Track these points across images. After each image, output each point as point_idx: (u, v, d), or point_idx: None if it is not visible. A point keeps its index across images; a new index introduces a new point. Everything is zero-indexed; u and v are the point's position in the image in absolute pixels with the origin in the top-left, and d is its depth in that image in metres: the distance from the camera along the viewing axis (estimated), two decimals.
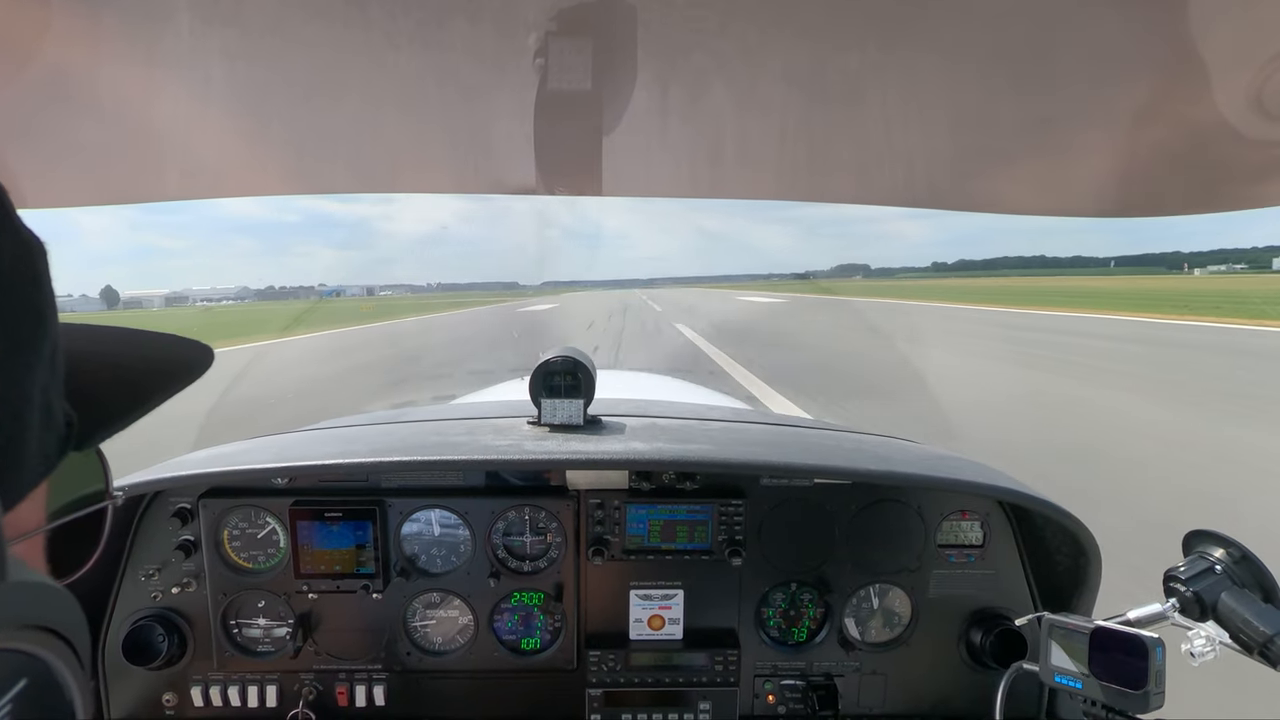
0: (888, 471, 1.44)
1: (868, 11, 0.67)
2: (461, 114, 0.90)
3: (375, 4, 0.65)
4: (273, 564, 1.47)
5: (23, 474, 0.37)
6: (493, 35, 0.71)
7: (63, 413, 0.41)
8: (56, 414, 0.40)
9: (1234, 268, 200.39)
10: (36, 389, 0.38)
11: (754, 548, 1.51)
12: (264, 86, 0.82)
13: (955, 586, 1.54)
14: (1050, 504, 1.41)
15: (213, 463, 1.43)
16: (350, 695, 1.50)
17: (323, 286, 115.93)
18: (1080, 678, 1.06)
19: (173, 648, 1.44)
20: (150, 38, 0.71)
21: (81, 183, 1.02)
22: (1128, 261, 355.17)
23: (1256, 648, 0.98)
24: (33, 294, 0.38)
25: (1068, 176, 1.04)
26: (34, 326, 0.38)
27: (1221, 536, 1.10)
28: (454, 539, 1.50)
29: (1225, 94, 0.74)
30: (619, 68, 0.77)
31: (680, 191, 1.19)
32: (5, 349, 0.36)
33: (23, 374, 0.37)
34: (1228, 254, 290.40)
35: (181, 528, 1.44)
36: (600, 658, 1.49)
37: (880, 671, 1.56)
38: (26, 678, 0.35)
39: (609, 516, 1.50)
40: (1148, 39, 0.70)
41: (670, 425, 1.66)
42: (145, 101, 0.83)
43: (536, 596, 1.52)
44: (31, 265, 0.38)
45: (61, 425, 0.41)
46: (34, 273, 0.38)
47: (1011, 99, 0.84)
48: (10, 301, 0.36)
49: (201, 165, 1.03)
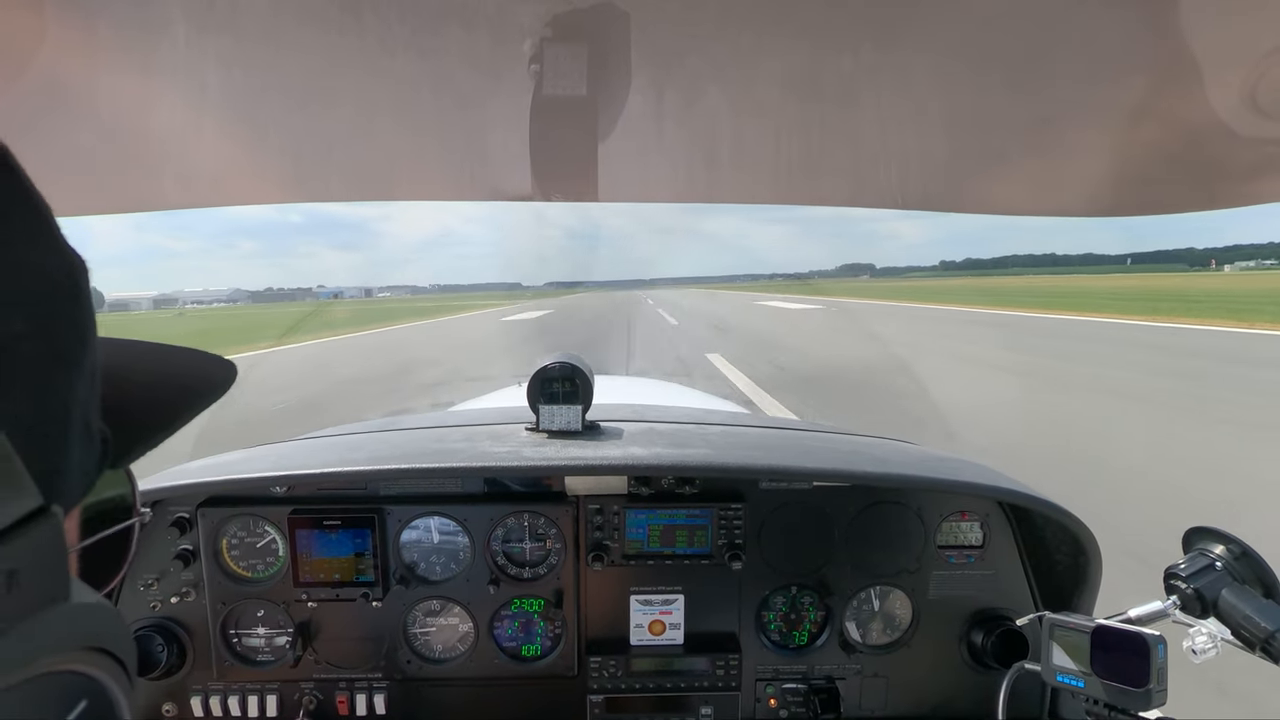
0: (886, 473, 1.44)
1: (863, 14, 0.67)
2: (457, 121, 0.91)
3: (370, 11, 0.65)
4: (272, 573, 1.46)
5: (66, 491, 0.37)
6: (488, 42, 0.72)
7: (99, 430, 0.41)
8: (94, 431, 0.40)
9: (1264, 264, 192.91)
10: (78, 406, 0.38)
11: (754, 551, 1.50)
12: (259, 94, 0.82)
13: (955, 587, 1.54)
14: (1049, 503, 1.41)
15: (211, 472, 1.43)
16: (351, 704, 1.49)
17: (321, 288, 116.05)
18: (1082, 677, 1.06)
19: (172, 658, 1.43)
20: (146, 46, 0.71)
21: (78, 192, 1.02)
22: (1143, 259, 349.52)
23: (1258, 644, 0.98)
24: (75, 311, 0.38)
25: (1062, 176, 1.04)
26: (77, 343, 0.38)
27: (1221, 533, 1.10)
28: (453, 546, 1.49)
29: (1219, 91, 0.75)
30: (614, 73, 0.77)
31: (676, 196, 1.19)
32: (50, 365, 0.35)
33: (66, 391, 0.37)
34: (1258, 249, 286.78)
35: (180, 537, 1.44)
36: (601, 664, 1.49)
37: (882, 674, 1.55)
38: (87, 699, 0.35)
39: (608, 522, 1.49)
40: (1141, 37, 0.70)
41: (668, 430, 1.65)
42: (141, 110, 0.83)
43: (536, 603, 1.52)
44: (74, 282, 0.38)
45: (99, 443, 0.41)
46: (76, 289, 0.38)
47: (1005, 99, 0.84)
48: (56, 318, 0.36)
49: (198, 173, 1.03)
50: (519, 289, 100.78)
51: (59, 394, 0.36)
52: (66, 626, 0.34)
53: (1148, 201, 1.05)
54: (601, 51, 0.73)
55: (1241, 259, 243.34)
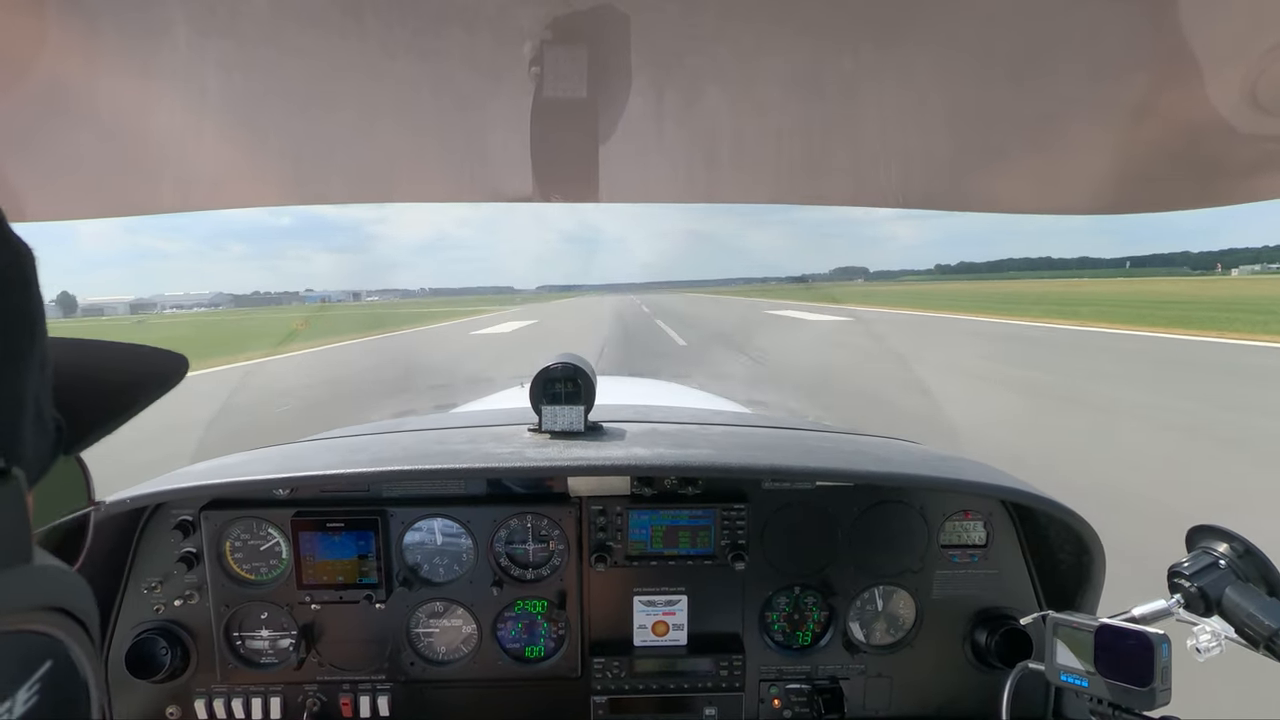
0: (890, 473, 1.44)
1: (863, 12, 0.67)
2: (458, 122, 0.91)
3: (371, 14, 0.66)
4: (275, 575, 1.46)
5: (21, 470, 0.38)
6: (488, 44, 0.72)
7: (52, 417, 0.42)
8: (48, 418, 0.41)
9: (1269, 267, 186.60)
10: (30, 393, 0.38)
11: (757, 552, 1.50)
12: (260, 97, 0.82)
13: (959, 587, 1.53)
14: (1053, 502, 1.41)
15: (214, 474, 1.43)
16: (354, 706, 1.49)
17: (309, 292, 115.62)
18: (1086, 676, 1.06)
19: (176, 660, 1.43)
20: (147, 50, 0.71)
21: (80, 195, 1.02)
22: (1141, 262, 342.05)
23: (1262, 642, 0.98)
24: (24, 301, 0.39)
25: (1063, 174, 1.04)
26: (27, 332, 0.39)
27: (1225, 531, 1.09)
28: (456, 548, 1.49)
29: (1220, 88, 0.75)
30: (614, 74, 0.77)
31: (677, 196, 1.19)
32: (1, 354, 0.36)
33: (16, 378, 0.37)
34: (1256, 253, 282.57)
35: (183, 540, 1.44)
36: (604, 665, 1.49)
37: (885, 674, 1.55)
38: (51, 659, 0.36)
39: (611, 523, 1.49)
40: (1141, 35, 0.70)
41: (671, 430, 1.65)
42: (143, 114, 0.84)
43: (540, 604, 1.52)
44: (22, 272, 0.39)
45: (53, 430, 0.42)
46: (25, 279, 0.39)
47: (1006, 97, 0.84)
48: (4, 308, 0.37)
49: (199, 176, 1.03)
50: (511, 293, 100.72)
51: (9, 382, 0.37)
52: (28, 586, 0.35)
53: (1149, 198, 1.05)
54: (602, 53, 0.73)
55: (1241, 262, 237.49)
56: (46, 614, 0.36)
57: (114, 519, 1.36)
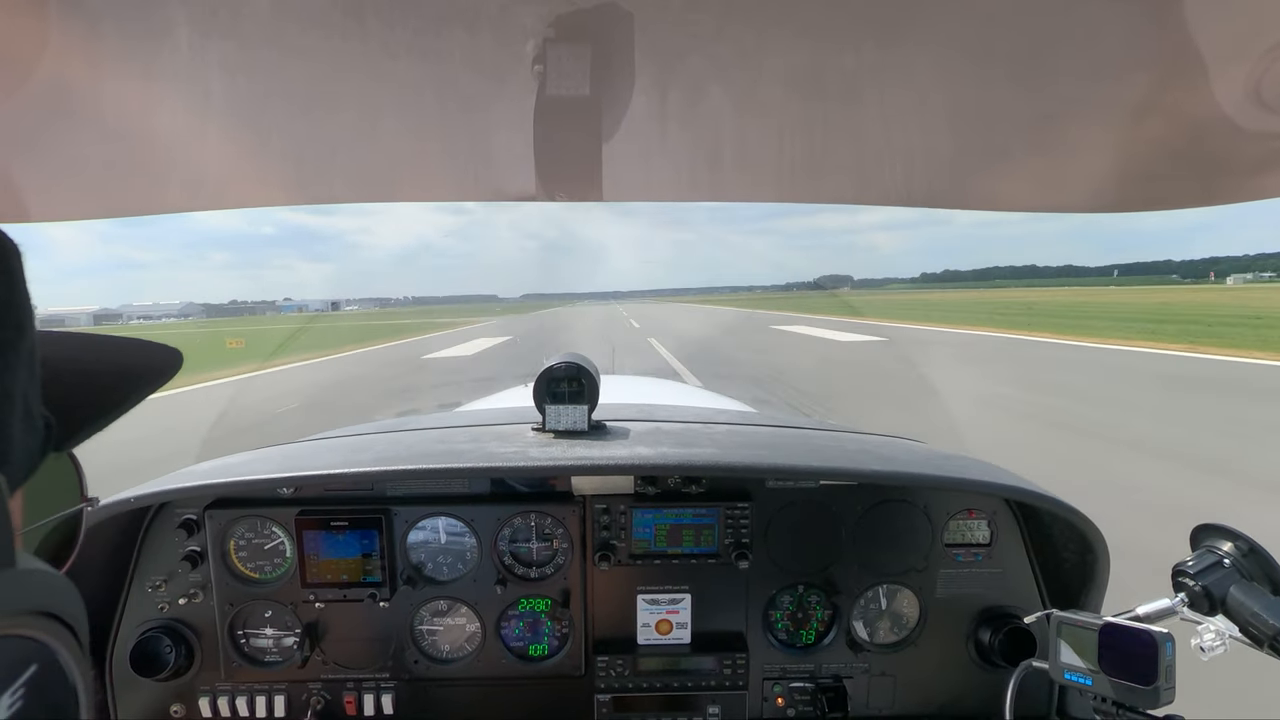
0: (893, 472, 1.44)
1: (865, 11, 0.67)
2: (461, 122, 0.91)
3: (373, 14, 0.66)
4: (279, 574, 1.47)
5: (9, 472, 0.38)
6: (491, 43, 0.72)
7: (41, 415, 0.42)
8: (36, 416, 0.41)
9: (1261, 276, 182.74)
10: (18, 390, 0.38)
11: (761, 550, 1.50)
12: (263, 98, 0.83)
13: (963, 586, 1.53)
14: (1057, 501, 1.41)
15: (218, 473, 1.44)
16: (359, 704, 1.49)
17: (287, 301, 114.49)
18: (1090, 674, 1.06)
19: (180, 659, 1.43)
20: (149, 52, 0.71)
21: (83, 197, 1.02)
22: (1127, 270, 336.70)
23: (1266, 641, 0.98)
24: (9, 296, 0.38)
25: (1066, 172, 1.04)
26: (13, 327, 0.38)
27: (1229, 530, 1.09)
28: (460, 546, 1.50)
29: (1223, 86, 0.74)
30: (617, 73, 0.77)
31: (680, 195, 1.19)
32: None
33: (3, 374, 0.37)
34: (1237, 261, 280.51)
35: (188, 539, 1.44)
36: (608, 663, 1.49)
37: (889, 672, 1.55)
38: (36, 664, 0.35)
39: (615, 521, 1.49)
40: (1144, 33, 0.70)
41: (675, 429, 1.65)
42: (145, 115, 0.84)
43: (543, 603, 1.52)
44: (6, 267, 0.39)
45: (42, 427, 0.42)
46: (9, 275, 0.39)
47: (1008, 96, 0.84)
48: None
49: (202, 177, 1.03)
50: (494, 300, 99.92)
51: None
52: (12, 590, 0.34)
53: (1151, 197, 1.04)
54: (604, 52, 0.73)
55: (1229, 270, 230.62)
56: (31, 618, 0.36)
57: (118, 518, 1.37)
